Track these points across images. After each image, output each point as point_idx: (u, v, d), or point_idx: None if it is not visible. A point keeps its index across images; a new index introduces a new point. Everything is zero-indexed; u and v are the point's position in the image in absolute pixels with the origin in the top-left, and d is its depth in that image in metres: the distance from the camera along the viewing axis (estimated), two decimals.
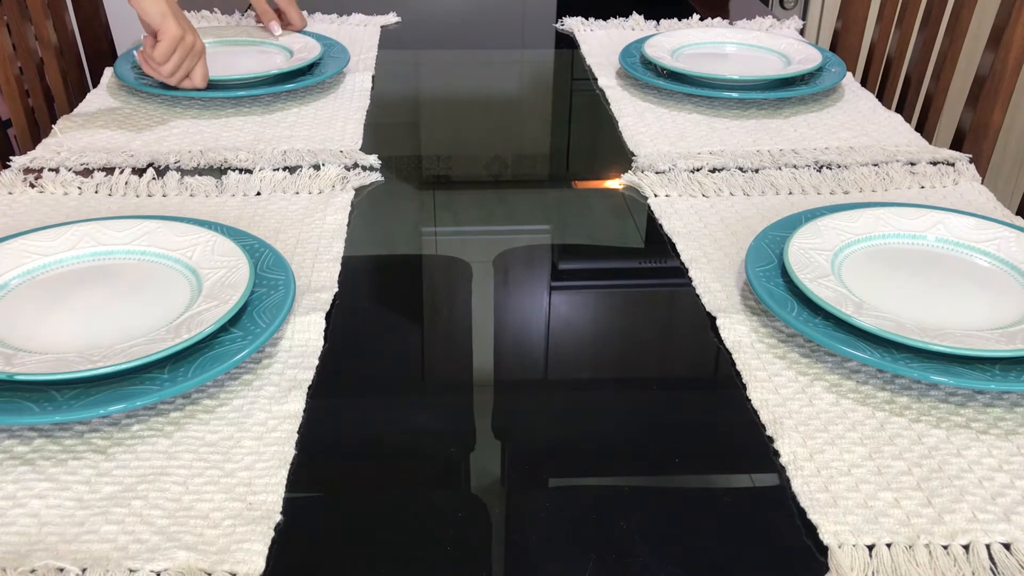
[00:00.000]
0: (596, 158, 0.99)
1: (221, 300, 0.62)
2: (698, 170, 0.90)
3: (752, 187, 0.86)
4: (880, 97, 1.24)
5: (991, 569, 0.47)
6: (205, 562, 0.46)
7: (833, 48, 1.36)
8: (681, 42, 1.18)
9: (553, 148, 1.00)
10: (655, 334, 0.68)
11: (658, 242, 0.79)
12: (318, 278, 0.71)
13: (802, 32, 1.32)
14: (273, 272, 0.68)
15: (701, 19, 1.32)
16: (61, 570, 0.46)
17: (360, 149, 0.94)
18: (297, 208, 0.82)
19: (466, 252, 0.78)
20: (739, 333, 0.65)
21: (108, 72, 1.11)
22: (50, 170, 0.88)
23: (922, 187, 0.87)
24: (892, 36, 1.27)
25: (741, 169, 0.90)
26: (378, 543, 0.49)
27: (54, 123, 0.99)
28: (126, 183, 0.85)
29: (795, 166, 0.91)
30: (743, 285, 0.71)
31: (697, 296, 0.70)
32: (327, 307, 0.67)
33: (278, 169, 0.88)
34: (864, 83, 1.28)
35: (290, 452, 0.54)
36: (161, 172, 0.88)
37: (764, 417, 0.57)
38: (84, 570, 0.46)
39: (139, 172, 0.88)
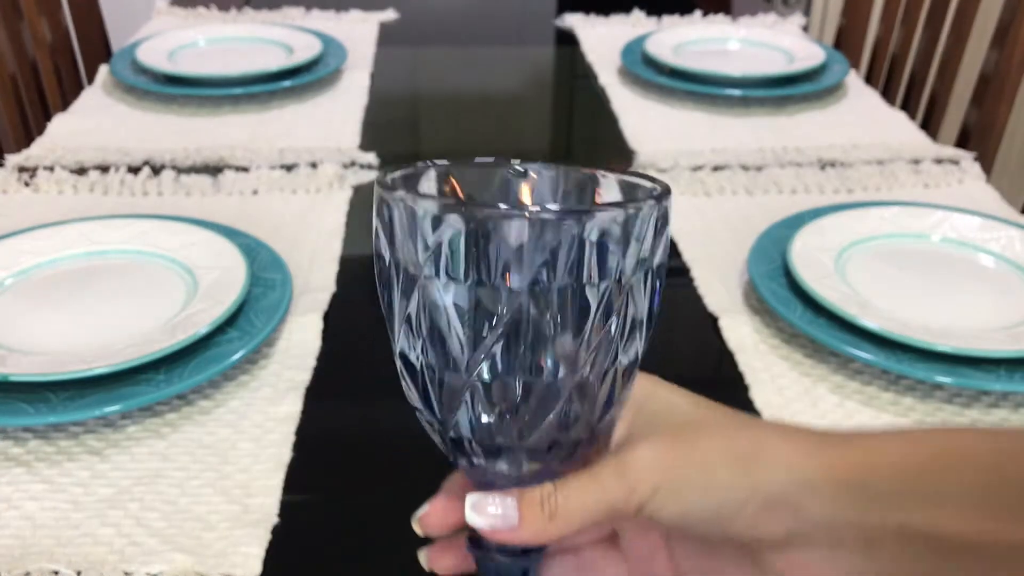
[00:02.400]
0: (597, 156, 0.98)
1: (217, 300, 0.62)
2: (700, 168, 0.89)
3: (755, 186, 0.86)
4: (884, 95, 1.23)
5: None
6: (201, 565, 0.46)
7: (837, 45, 1.35)
8: (683, 39, 1.18)
9: (554, 146, 1.00)
10: (657, 334, 0.67)
11: None
12: (316, 278, 0.70)
13: (805, 29, 1.31)
14: (270, 272, 0.67)
15: (703, 15, 1.32)
16: (56, 573, 0.45)
17: (358, 147, 0.94)
18: (294, 207, 0.81)
19: None
20: (742, 333, 0.64)
21: (103, 70, 1.10)
22: (45, 168, 0.87)
23: (926, 186, 0.86)
24: (896, 33, 1.27)
25: (744, 167, 0.89)
26: (376, 546, 0.48)
27: (48, 121, 0.98)
28: (121, 182, 0.85)
29: (798, 164, 0.90)
30: (746, 285, 0.70)
31: (699, 296, 0.69)
32: (325, 307, 0.66)
33: (275, 167, 0.88)
34: (868, 81, 1.27)
35: (287, 454, 0.53)
36: (157, 171, 0.87)
37: (768, 419, 0.57)
38: (79, 573, 0.46)
39: (134, 171, 0.87)
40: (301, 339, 0.63)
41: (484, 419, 0.31)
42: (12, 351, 0.58)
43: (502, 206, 0.29)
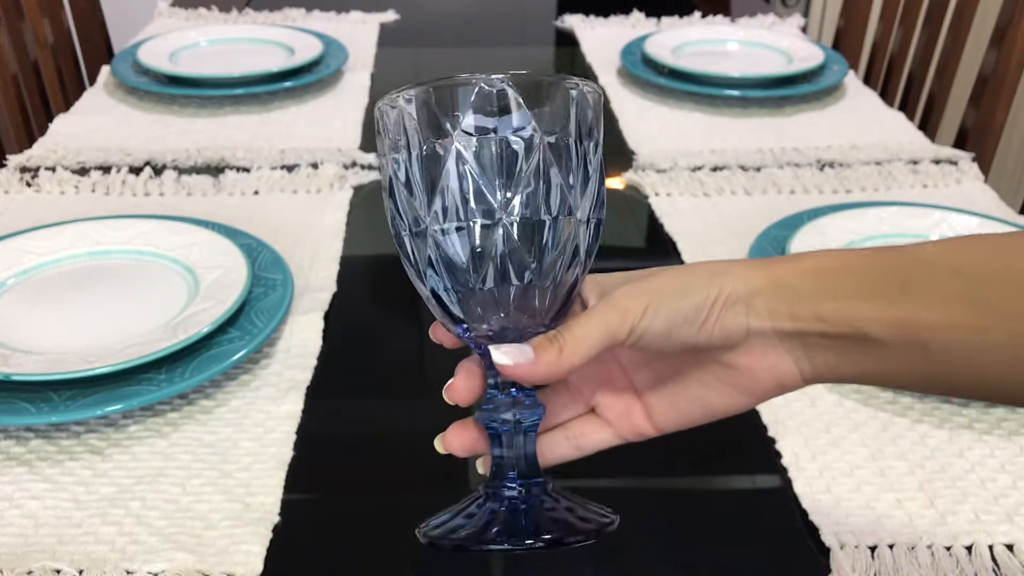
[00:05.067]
0: None
1: (218, 300, 0.62)
2: (699, 169, 0.89)
3: (754, 186, 0.86)
4: (883, 95, 1.24)
5: (994, 570, 0.47)
6: (203, 564, 0.46)
7: (835, 46, 1.35)
8: (682, 40, 1.18)
9: None
10: None
11: (659, 241, 0.78)
12: (316, 278, 0.70)
13: (804, 30, 1.32)
14: (271, 272, 0.67)
15: (702, 16, 1.32)
16: (58, 572, 0.46)
17: (359, 147, 0.94)
18: (295, 207, 0.82)
19: None
20: None
21: (105, 70, 1.10)
22: (46, 169, 0.87)
23: (925, 186, 0.87)
24: (895, 34, 1.27)
25: (743, 168, 0.90)
26: (377, 544, 0.48)
27: (50, 122, 0.98)
28: (123, 182, 0.85)
29: (797, 165, 0.90)
30: None
31: None
32: (325, 307, 0.67)
33: (276, 168, 0.88)
34: (867, 81, 1.27)
35: (288, 453, 0.53)
36: (158, 171, 0.87)
37: (766, 418, 0.57)
38: (81, 572, 0.46)
39: (136, 171, 0.87)
40: (302, 338, 0.63)
41: (509, 250, 0.38)
42: (14, 351, 0.59)
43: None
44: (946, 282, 0.36)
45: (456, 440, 0.42)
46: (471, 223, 0.38)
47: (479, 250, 0.38)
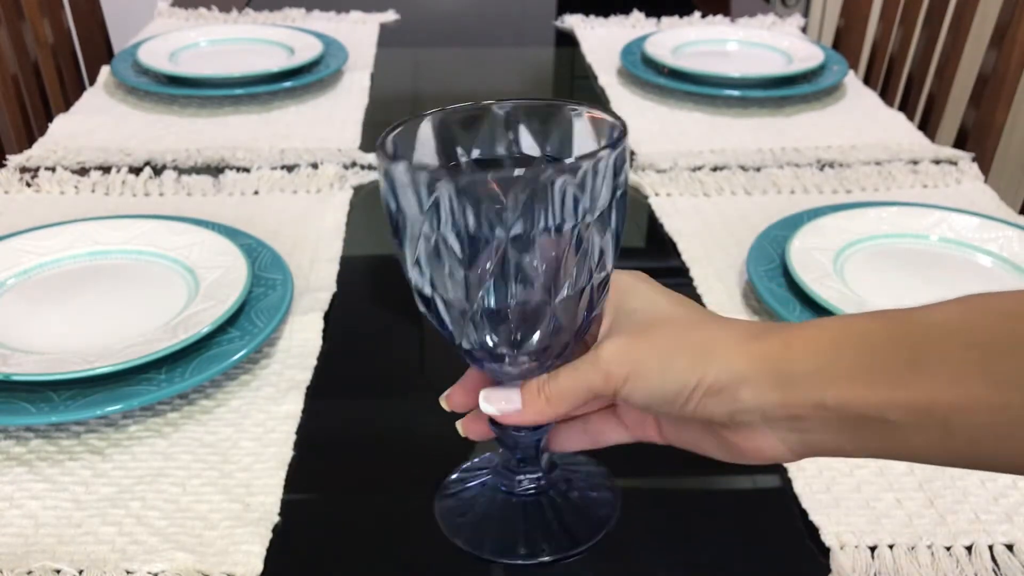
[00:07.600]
0: None
1: (218, 300, 0.62)
2: (699, 169, 0.89)
3: (754, 186, 0.86)
4: (883, 95, 1.24)
5: (993, 570, 0.47)
6: (203, 564, 0.46)
7: (835, 46, 1.35)
8: (682, 40, 1.18)
9: None
10: None
11: (659, 241, 0.78)
12: (316, 278, 0.70)
13: (804, 30, 1.32)
14: (271, 272, 0.67)
15: (702, 16, 1.32)
16: (58, 572, 0.46)
17: (359, 148, 0.94)
18: (295, 207, 0.82)
19: None
20: None
21: (105, 70, 1.10)
22: (46, 169, 0.87)
23: (925, 186, 0.87)
24: (895, 34, 1.27)
25: (743, 168, 0.90)
26: (376, 545, 0.48)
27: (50, 122, 0.98)
28: (123, 182, 0.85)
29: (797, 165, 0.90)
30: (745, 285, 0.70)
31: (699, 296, 0.70)
32: (326, 307, 0.67)
33: (276, 168, 0.88)
34: (866, 81, 1.27)
35: (288, 453, 0.53)
36: (158, 171, 0.87)
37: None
38: (81, 572, 0.46)
39: (136, 171, 0.87)
40: (302, 338, 0.63)
41: (487, 338, 0.38)
42: (14, 351, 0.59)
43: (486, 172, 0.35)
44: (960, 354, 0.32)
45: (471, 429, 0.45)
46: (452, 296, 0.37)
47: (459, 319, 0.38)
